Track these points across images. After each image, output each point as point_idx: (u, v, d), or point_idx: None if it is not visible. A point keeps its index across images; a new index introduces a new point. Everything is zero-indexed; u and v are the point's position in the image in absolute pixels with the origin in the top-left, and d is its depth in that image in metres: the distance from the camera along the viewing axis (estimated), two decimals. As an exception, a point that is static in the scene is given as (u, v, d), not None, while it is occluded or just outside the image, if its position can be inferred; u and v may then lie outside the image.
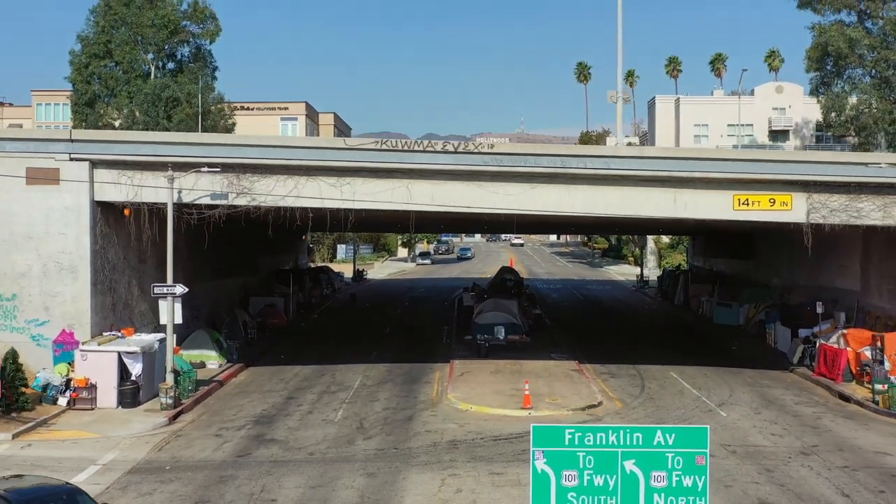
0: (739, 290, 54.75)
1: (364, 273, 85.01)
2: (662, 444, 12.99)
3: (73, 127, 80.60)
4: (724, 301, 54.67)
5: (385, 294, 73.68)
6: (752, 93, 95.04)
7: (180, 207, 33.00)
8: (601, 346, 45.05)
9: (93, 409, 30.82)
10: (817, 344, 38.62)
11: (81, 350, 31.49)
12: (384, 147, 32.70)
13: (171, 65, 78.22)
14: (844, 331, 37.51)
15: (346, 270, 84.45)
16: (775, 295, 51.38)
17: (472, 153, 32.70)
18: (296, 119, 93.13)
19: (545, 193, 33.23)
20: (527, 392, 31.31)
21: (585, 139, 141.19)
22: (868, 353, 35.43)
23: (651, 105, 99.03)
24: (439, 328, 51.98)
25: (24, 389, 29.93)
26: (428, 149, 32.69)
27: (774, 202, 32.98)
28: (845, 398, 33.75)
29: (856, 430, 28.87)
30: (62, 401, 31.02)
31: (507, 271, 68.47)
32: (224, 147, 33.10)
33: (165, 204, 32.32)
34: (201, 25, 75.88)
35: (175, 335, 32.91)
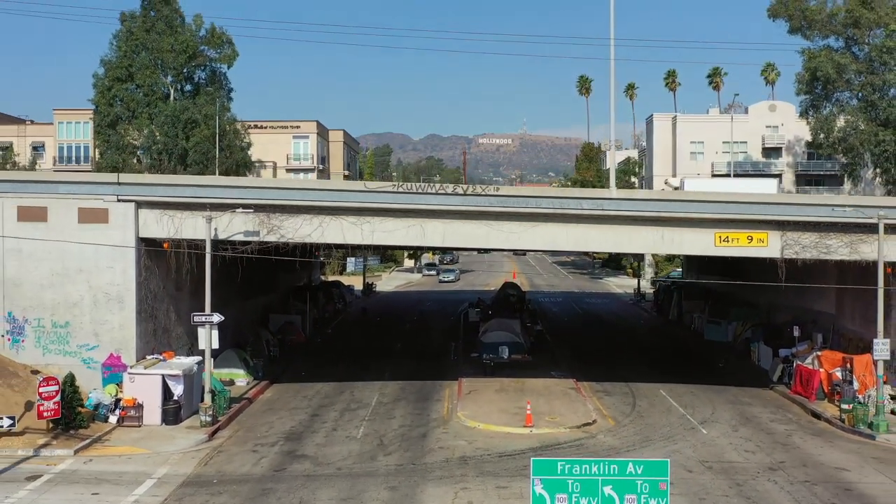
0: (729, 309, 58.25)
1: (373, 286, 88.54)
2: (633, 473, 16.62)
3: (96, 147, 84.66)
4: (714, 318, 58.24)
5: (394, 307, 77.14)
6: (746, 111, 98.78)
7: (216, 243, 36.67)
8: (598, 364, 48.53)
9: (140, 426, 34.46)
10: (794, 364, 42.22)
11: (129, 373, 35.14)
12: (400, 190, 36.34)
13: (188, 87, 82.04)
14: (819, 352, 41.11)
15: (356, 283, 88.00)
16: (761, 314, 54.91)
17: (479, 195, 36.31)
18: (307, 137, 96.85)
19: (544, 231, 36.84)
20: (528, 412, 34.89)
21: (587, 150, 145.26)
22: (839, 374, 39.06)
23: (649, 122, 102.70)
24: (447, 344, 55.43)
25: (79, 409, 33.58)
26: (440, 191, 36.35)
27: (752, 239, 36.63)
28: (816, 416, 37.36)
29: (821, 447, 32.45)
30: (112, 419, 34.71)
31: (510, 286, 71.96)
32: (257, 189, 36.83)
33: (203, 240, 35.97)
34: (219, 50, 79.73)
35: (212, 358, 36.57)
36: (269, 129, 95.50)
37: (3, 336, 36.31)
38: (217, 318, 35.70)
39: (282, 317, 57.15)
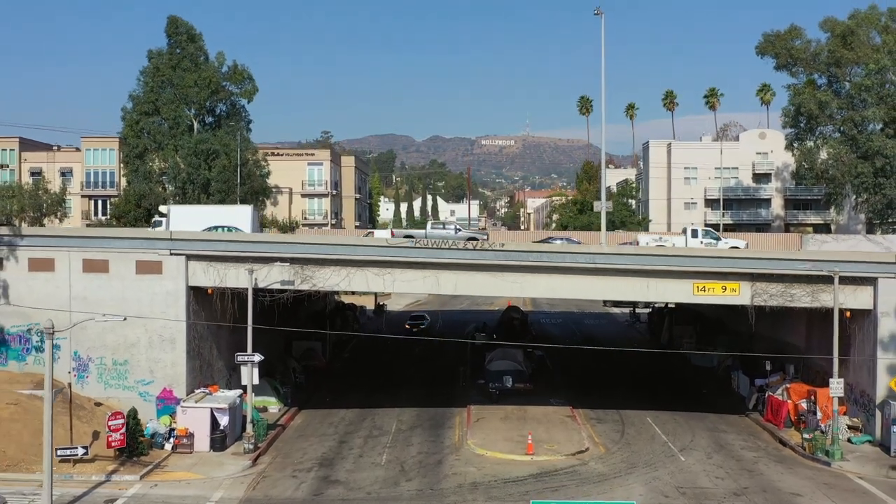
0: (714, 336, 63.23)
1: (384, 306, 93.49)
2: (607, 511, 21.78)
3: (124, 176, 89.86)
4: (701, 346, 63.20)
5: (405, 328, 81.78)
6: (737, 138, 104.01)
7: (256, 291, 41.86)
8: (593, 390, 53.38)
9: (191, 453, 39.61)
10: (767, 393, 47.34)
11: (182, 406, 40.32)
12: (417, 246, 41.54)
13: (210, 119, 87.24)
14: (788, 385, 46.24)
15: (368, 302, 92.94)
16: (743, 343, 59.88)
17: (486, 250, 41.50)
18: (321, 164, 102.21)
19: (545, 281, 42.00)
20: (530, 441, 40.01)
21: (587, 168, 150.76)
22: (804, 405, 44.17)
23: (645, 148, 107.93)
24: (455, 369, 60.19)
25: (140, 438, 38.78)
26: (452, 247, 41.52)
27: (726, 289, 41.81)
28: (783, 443, 42.48)
29: (782, 473, 37.54)
30: (167, 446, 39.90)
31: (513, 310, 76.99)
32: (292, 245, 42.11)
33: (245, 288, 41.19)
34: (240, 86, 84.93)
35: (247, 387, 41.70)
36: (286, 157, 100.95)
37: (69, 372, 41.48)
38: (258, 357, 40.89)
39: (303, 343, 61.86)
